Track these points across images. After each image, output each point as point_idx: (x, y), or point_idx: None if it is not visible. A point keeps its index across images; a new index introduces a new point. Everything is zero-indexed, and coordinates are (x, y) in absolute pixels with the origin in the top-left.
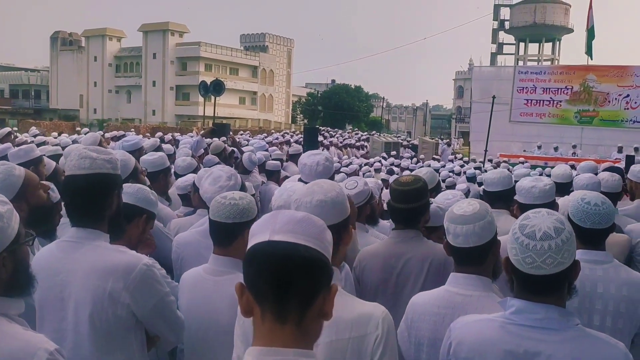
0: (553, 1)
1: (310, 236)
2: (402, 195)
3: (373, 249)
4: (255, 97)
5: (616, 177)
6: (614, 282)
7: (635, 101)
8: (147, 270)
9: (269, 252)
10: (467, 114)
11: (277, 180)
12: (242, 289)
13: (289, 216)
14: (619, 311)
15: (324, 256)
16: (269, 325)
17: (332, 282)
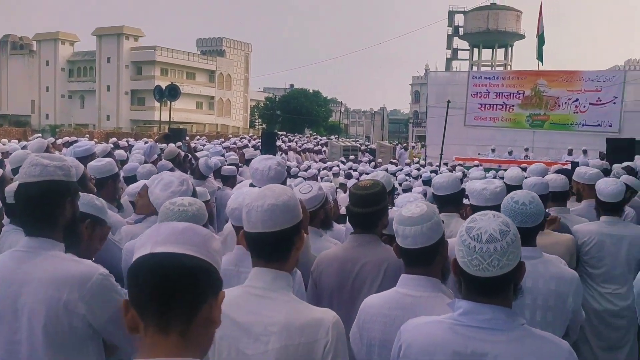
0: (505, 8)
1: (194, 245)
2: (360, 199)
3: (330, 253)
4: (213, 101)
5: (561, 177)
6: (543, 277)
7: (584, 105)
8: (104, 280)
9: (150, 265)
10: (423, 118)
11: (232, 186)
12: (127, 305)
13: (171, 228)
14: (547, 305)
15: (209, 264)
16: (152, 337)
17: (221, 289)
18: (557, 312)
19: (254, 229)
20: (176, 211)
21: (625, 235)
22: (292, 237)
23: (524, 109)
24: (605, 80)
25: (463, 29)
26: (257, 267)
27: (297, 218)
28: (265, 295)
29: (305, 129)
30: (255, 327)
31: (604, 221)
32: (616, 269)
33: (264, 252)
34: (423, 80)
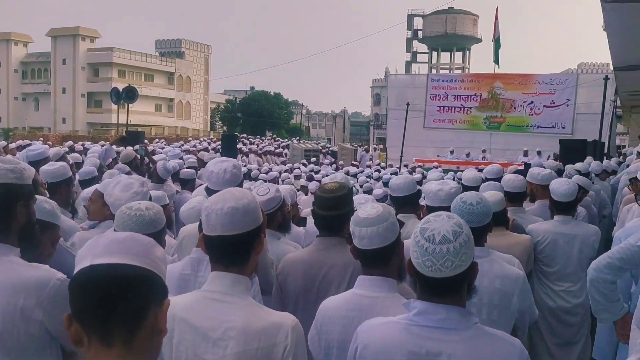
0: (462, 12)
1: (135, 254)
2: (327, 202)
3: (296, 257)
4: (172, 104)
5: (520, 177)
6: (488, 276)
7: (539, 108)
8: (61, 285)
9: (90, 277)
10: (384, 120)
11: (192, 189)
12: (70, 319)
13: (111, 238)
14: (493, 303)
15: (152, 272)
16: (95, 350)
17: (166, 297)
18: (502, 310)
19: (214, 232)
20: (133, 215)
21: (578, 234)
22: (252, 241)
23: (481, 112)
24: (558, 84)
25: (422, 32)
26: (216, 272)
27: (257, 222)
28: (224, 300)
29: (267, 131)
30: (214, 332)
31: (558, 220)
32: (569, 267)
33: (223, 256)
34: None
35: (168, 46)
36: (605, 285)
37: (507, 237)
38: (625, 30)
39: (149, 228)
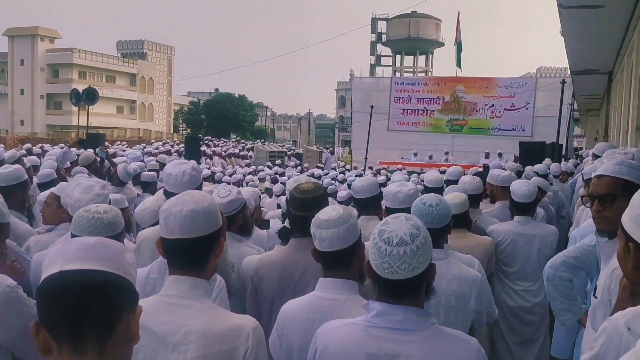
0: (425, 16)
1: (106, 260)
2: (302, 203)
3: (272, 258)
4: (134, 105)
5: (477, 179)
6: (445, 278)
7: (500, 111)
8: (11, 292)
9: (61, 283)
10: (349, 123)
11: (153, 192)
12: (38, 327)
13: (81, 243)
14: (450, 305)
15: (123, 279)
16: (65, 358)
17: (137, 303)
18: (459, 312)
19: (172, 235)
20: (91, 219)
21: (537, 234)
22: (211, 244)
23: (443, 114)
24: (518, 87)
25: (386, 35)
26: (174, 275)
27: (216, 225)
28: (182, 304)
29: (231, 133)
30: (172, 337)
31: (517, 221)
32: (528, 266)
33: (181, 259)
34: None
35: (130, 47)
36: (563, 282)
37: (468, 239)
38: (581, 35)
39: (108, 231)
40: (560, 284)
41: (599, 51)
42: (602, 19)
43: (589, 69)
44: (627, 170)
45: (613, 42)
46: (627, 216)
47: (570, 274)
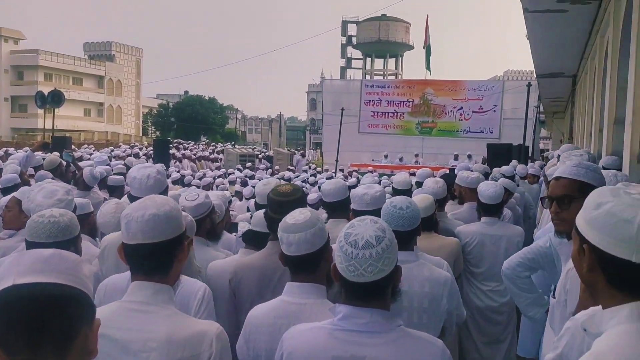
0: (395, 20)
1: (62, 272)
2: (281, 205)
3: (250, 261)
4: (102, 108)
5: (440, 183)
6: (417, 280)
7: (468, 113)
8: None
9: (15, 297)
10: (320, 125)
11: (120, 196)
12: None
13: (35, 256)
14: (423, 307)
15: (80, 291)
16: None
17: (95, 316)
18: (431, 313)
19: (134, 240)
20: (47, 223)
21: (504, 235)
22: (174, 249)
23: (413, 117)
24: (486, 90)
25: (356, 38)
26: (137, 281)
27: (179, 229)
28: (145, 310)
29: (201, 136)
30: (134, 344)
31: (484, 222)
32: (496, 267)
33: (144, 264)
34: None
35: (97, 49)
36: (522, 280)
37: (434, 240)
38: (546, 39)
39: (65, 235)
40: (519, 281)
41: (563, 55)
42: (566, 23)
43: (554, 72)
44: (584, 172)
45: (577, 46)
46: (581, 218)
47: (526, 272)
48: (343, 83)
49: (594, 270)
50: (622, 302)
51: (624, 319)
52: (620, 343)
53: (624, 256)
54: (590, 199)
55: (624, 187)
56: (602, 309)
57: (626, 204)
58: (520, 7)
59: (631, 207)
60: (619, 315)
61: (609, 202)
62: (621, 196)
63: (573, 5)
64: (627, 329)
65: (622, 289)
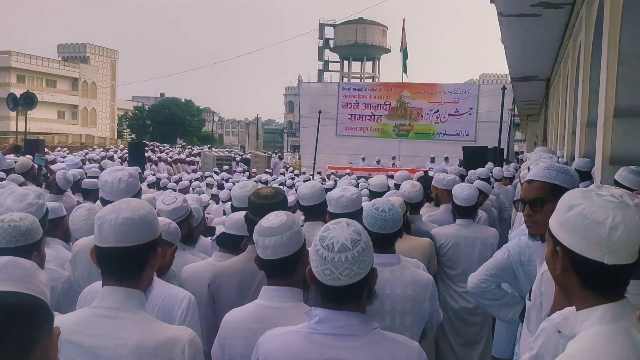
0: (372, 23)
1: (18, 280)
2: (262, 208)
3: (230, 265)
4: (76, 110)
5: (417, 187)
6: (400, 283)
7: (444, 116)
8: None
9: None
10: (298, 128)
11: (94, 200)
12: None
13: None
14: (405, 310)
15: (38, 300)
16: None
17: (53, 325)
18: (414, 316)
19: (106, 244)
20: (7, 227)
21: (478, 237)
22: (147, 255)
23: (390, 120)
24: (461, 93)
25: (333, 41)
26: (108, 286)
27: (153, 234)
28: (115, 316)
29: (177, 139)
30: (104, 351)
31: (459, 224)
32: (470, 268)
33: (115, 269)
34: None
35: (71, 50)
36: (489, 292)
37: (407, 241)
38: (520, 43)
39: (26, 239)
40: (487, 294)
41: (537, 58)
42: (539, 27)
43: (528, 76)
44: (555, 174)
45: (550, 49)
46: (554, 220)
47: (493, 285)
48: (320, 86)
49: (568, 272)
50: (595, 304)
51: (597, 321)
52: (592, 345)
53: (596, 258)
54: (563, 201)
55: (595, 188)
56: (576, 311)
57: (597, 205)
58: (495, 11)
59: (603, 209)
60: (592, 317)
61: (581, 204)
62: (593, 198)
63: (546, 10)
64: (599, 331)
65: (595, 291)
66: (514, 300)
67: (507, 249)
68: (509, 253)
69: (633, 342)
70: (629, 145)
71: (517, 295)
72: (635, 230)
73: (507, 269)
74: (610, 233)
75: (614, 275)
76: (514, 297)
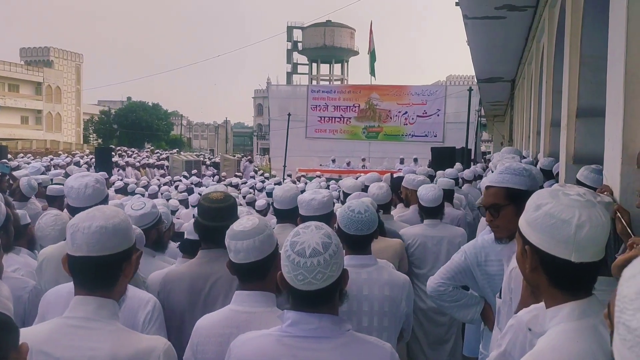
0: (340, 25)
1: None
2: (212, 212)
3: (179, 271)
4: (41, 115)
5: (384, 188)
6: (377, 284)
7: (413, 117)
8: None
9: None
10: (267, 131)
11: (60, 207)
12: None
13: None
14: (383, 310)
15: (1, 315)
16: None
17: (19, 339)
18: (391, 316)
19: (79, 252)
20: None
21: (445, 236)
22: (121, 264)
23: (360, 122)
24: (429, 95)
25: (302, 44)
26: (80, 296)
27: (128, 243)
28: (88, 326)
29: (145, 143)
30: None
31: (426, 224)
32: (438, 268)
33: (88, 278)
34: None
35: (35, 54)
36: (447, 294)
37: (378, 242)
38: (486, 44)
39: None
40: (446, 297)
41: (502, 60)
42: (504, 29)
43: (494, 77)
44: (509, 177)
45: (515, 51)
46: (523, 219)
47: (451, 287)
48: (289, 88)
49: (537, 271)
50: (563, 301)
51: (565, 318)
52: (560, 341)
53: (564, 256)
54: (531, 201)
55: (562, 188)
56: (546, 308)
57: (564, 205)
58: (461, 13)
59: (569, 208)
60: (560, 314)
61: (548, 203)
62: (559, 197)
63: (510, 12)
64: (567, 328)
65: (563, 289)
66: (473, 301)
67: (464, 250)
68: (466, 255)
69: (600, 338)
70: (592, 145)
71: (477, 295)
72: (600, 228)
73: (464, 270)
74: (576, 231)
75: (581, 273)
76: (473, 297)
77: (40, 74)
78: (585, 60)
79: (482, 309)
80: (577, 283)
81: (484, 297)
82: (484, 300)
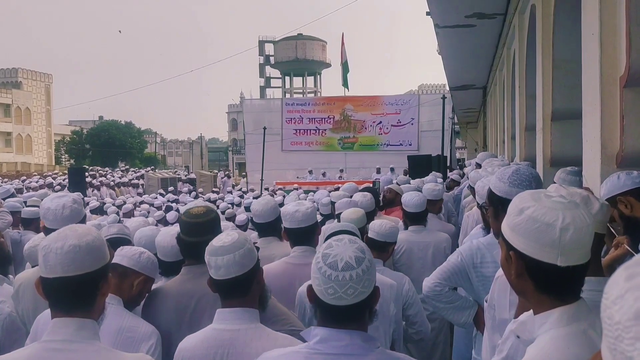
0: (311, 38)
1: None
2: (193, 227)
3: (164, 288)
4: (10, 138)
5: (367, 196)
6: None
7: (387, 127)
8: None
9: None
10: (242, 145)
11: (36, 230)
12: None
13: None
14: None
15: None
16: None
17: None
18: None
19: (53, 274)
20: None
21: (430, 242)
22: (98, 282)
23: (335, 133)
24: (403, 104)
25: (274, 57)
26: (57, 318)
27: (103, 260)
28: (69, 349)
29: (119, 162)
30: None
31: (411, 230)
32: (424, 273)
33: (64, 300)
34: (239, 108)
35: (2, 76)
36: (444, 295)
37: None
38: (457, 53)
39: None
40: (442, 297)
41: (473, 67)
42: (474, 37)
43: (466, 85)
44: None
45: (486, 58)
46: (505, 224)
47: (447, 288)
48: (263, 102)
49: (522, 277)
50: (552, 307)
51: (554, 324)
52: (551, 348)
53: (549, 260)
54: (513, 205)
55: (544, 190)
56: (534, 315)
57: (547, 207)
58: (432, 23)
59: (552, 211)
60: (549, 321)
61: (531, 206)
62: (542, 200)
63: (480, 21)
64: (557, 334)
65: (550, 294)
66: (467, 304)
67: (460, 252)
68: (462, 256)
69: (591, 343)
70: (568, 147)
71: (471, 299)
72: (585, 230)
73: (460, 272)
74: (561, 235)
75: (568, 277)
76: (467, 300)
77: (8, 96)
78: (558, 64)
79: (475, 313)
80: (564, 287)
81: (477, 301)
82: (477, 304)
